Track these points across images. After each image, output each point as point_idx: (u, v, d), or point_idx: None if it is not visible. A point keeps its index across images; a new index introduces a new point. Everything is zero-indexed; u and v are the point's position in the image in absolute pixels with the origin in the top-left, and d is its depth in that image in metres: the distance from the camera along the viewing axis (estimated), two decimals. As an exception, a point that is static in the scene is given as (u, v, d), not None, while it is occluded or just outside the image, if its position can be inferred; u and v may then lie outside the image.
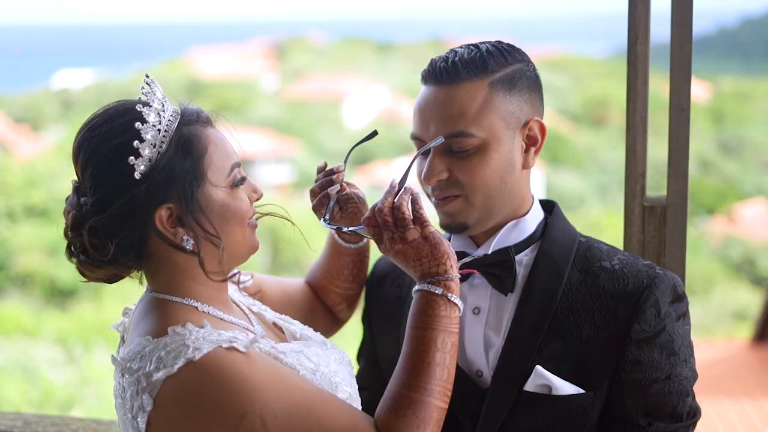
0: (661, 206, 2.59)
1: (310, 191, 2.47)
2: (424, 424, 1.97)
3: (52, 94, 35.84)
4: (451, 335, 2.04)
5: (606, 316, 2.21)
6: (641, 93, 2.56)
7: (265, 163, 31.99)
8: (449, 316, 2.05)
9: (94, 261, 2.07)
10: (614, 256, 2.30)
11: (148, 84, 2.10)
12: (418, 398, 1.98)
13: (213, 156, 2.09)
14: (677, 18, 2.52)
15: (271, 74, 41.41)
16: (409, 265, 2.09)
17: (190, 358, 1.91)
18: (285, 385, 1.95)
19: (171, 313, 2.07)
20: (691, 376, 2.24)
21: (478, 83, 2.21)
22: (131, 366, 1.97)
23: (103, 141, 2.04)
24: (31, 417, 3.07)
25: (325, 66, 41.28)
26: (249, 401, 1.90)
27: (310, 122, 34.25)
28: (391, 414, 1.98)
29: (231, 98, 36.45)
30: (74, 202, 2.09)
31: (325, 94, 36.43)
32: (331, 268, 2.56)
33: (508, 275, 2.26)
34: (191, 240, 2.06)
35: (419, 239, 2.07)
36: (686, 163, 2.56)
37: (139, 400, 1.94)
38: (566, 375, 2.20)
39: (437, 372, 2.01)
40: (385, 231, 2.09)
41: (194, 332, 1.98)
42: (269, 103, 37.22)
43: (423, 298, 2.06)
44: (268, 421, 1.90)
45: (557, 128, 33.14)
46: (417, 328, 2.05)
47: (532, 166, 2.30)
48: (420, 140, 2.28)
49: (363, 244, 2.53)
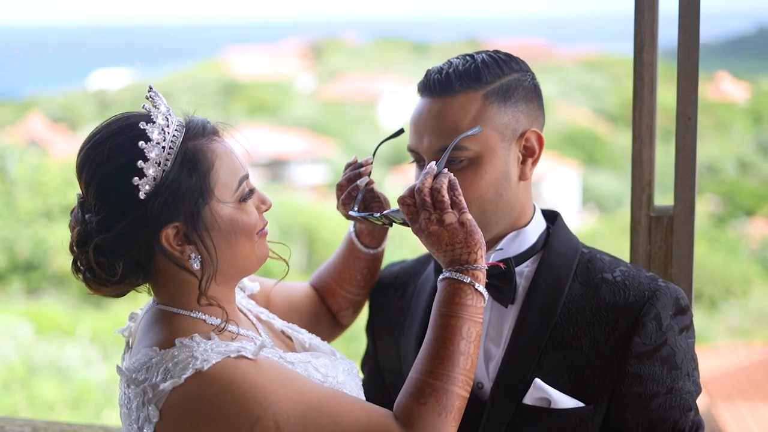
0: (667, 216, 2.55)
1: (337, 185, 2.46)
2: (446, 412, 1.95)
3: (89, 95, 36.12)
4: (477, 325, 2.03)
5: (606, 328, 2.18)
6: (648, 101, 2.52)
7: (301, 163, 32.08)
8: (475, 305, 2.03)
9: (101, 279, 2.05)
10: (616, 267, 2.27)
11: (152, 97, 2.05)
12: (440, 386, 1.96)
13: (220, 171, 2.05)
14: (684, 25, 2.48)
15: (306, 75, 41.55)
16: (441, 249, 2.07)
17: (199, 369, 1.89)
18: (295, 387, 1.93)
19: (178, 325, 2.05)
20: (695, 390, 2.21)
21: (472, 95, 2.19)
22: (137, 377, 1.96)
23: (107, 159, 2.00)
24: (40, 423, 3.07)
25: (361, 66, 41.36)
26: (261, 406, 1.88)
27: (345, 122, 34.31)
28: (412, 401, 1.96)
29: (266, 99, 36.59)
30: (79, 217, 2.06)
31: (361, 94, 36.49)
32: (344, 273, 2.54)
33: (508, 287, 2.24)
34: (199, 257, 2.03)
35: (456, 224, 2.04)
36: (693, 173, 2.51)
37: (145, 412, 1.92)
38: (566, 388, 2.17)
39: (461, 360, 1.99)
40: (423, 211, 2.06)
41: (202, 344, 1.96)
42: (305, 104, 37.33)
43: (450, 286, 2.04)
44: (283, 425, 1.88)
45: (594, 129, 33.00)
46: (442, 315, 2.03)
47: (529, 178, 2.27)
48: (415, 152, 2.26)
49: (380, 249, 2.52)
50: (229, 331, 2.09)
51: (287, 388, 1.92)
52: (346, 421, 1.92)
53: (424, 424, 1.94)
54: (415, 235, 2.11)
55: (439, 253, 2.08)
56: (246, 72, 39.56)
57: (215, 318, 2.07)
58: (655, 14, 2.51)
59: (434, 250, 2.09)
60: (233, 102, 35.65)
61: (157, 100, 2.06)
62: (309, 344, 2.32)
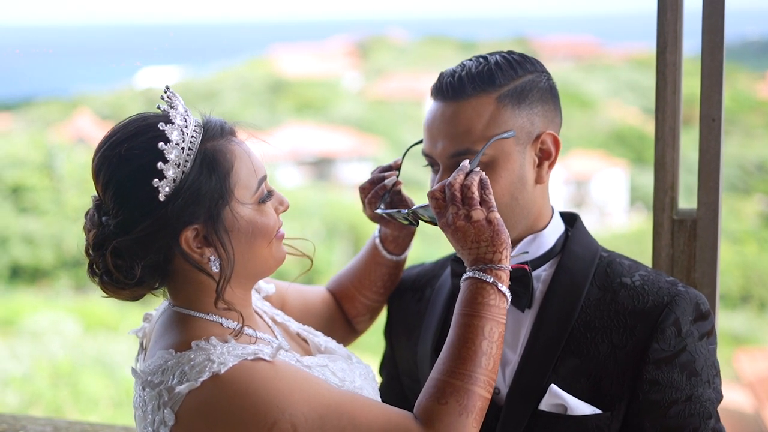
0: (691, 220, 2.50)
1: (360, 188, 2.44)
2: (467, 412, 1.92)
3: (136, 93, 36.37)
4: (499, 325, 2.00)
5: (624, 334, 2.14)
6: (671, 103, 2.48)
7: (347, 161, 32.12)
8: (498, 305, 2.01)
9: (118, 282, 2.02)
10: (636, 272, 2.22)
11: (169, 98, 2.03)
12: (461, 386, 1.93)
13: (240, 172, 2.03)
14: (708, 25, 2.43)
15: (353, 73, 41.58)
16: (466, 246, 2.05)
17: (216, 372, 1.87)
18: (313, 389, 1.91)
19: (195, 327, 2.03)
20: (715, 397, 2.16)
21: (485, 98, 2.16)
22: (152, 380, 1.94)
23: (125, 161, 1.97)
24: (61, 422, 3.09)
25: (408, 64, 41.29)
26: (278, 409, 1.86)
27: (392, 121, 34.28)
28: (433, 401, 1.93)
29: (313, 97, 36.66)
30: (95, 220, 2.03)
31: (408, 92, 36.44)
32: (365, 278, 2.52)
33: (525, 291, 2.20)
34: (218, 260, 2.01)
35: (483, 221, 2.03)
36: (717, 176, 2.46)
37: (161, 415, 1.91)
38: (582, 394, 2.14)
39: (483, 361, 1.96)
40: (452, 206, 2.05)
41: (219, 347, 1.94)
42: (351, 102, 37.34)
43: (473, 285, 2.02)
44: (299, 427, 1.86)
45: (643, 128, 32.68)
46: (465, 315, 2.00)
47: (546, 181, 2.24)
48: (429, 157, 2.24)
49: (403, 257, 2.50)
50: (247, 335, 2.07)
51: (305, 390, 1.90)
52: (365, 422, 1.90)
53: (444, 425, 1.91)
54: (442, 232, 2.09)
55: (464, 250, 2.05)
56: (293, 70, 39.63)
57: (232, 321, 2.05)
58: (678, 14, 2.46)
59: (459, 247, 2.06)
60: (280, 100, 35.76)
61: (174, 100, 2.03)
62: (325, 347, 2.29)
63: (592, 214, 29.72)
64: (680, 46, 2.48)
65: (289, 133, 30.65)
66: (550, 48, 42.61)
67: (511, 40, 41.44)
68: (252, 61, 41.73)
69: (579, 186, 31.24)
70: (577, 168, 30.50)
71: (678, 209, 2.53)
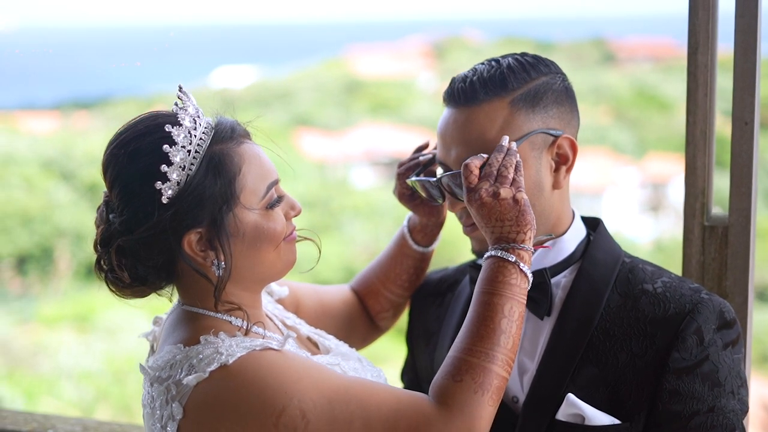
0: (722, 226, 2.42)
1: (397, 174, 2.43)
2: (482, 390, 1.88)
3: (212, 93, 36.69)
4: (520, 305, 1.96)
5: (644, 342, 2.08)
6: (702, 105, 2.40)
7: (422, 162, 32.04)
8: (519, 285, 1.97)
9: (122, 281, 2.04)
10: (659, 278, 2.16)
11: (180, 98, 2.03)
12: (477, 363, 1.90)
13: (247, 177, 2.01)
14: (741, 25, 2.35)
15: (428, 73, 41.49)
16: (490, 223, 2.01)
17: (224, 363, 1.87)
18: (322, 376, 1.89)
19: (204, 324, 2.03)
20: (740, 408, 2.08)
21: (498, 103, 2.12)
22: (161, 375, 1.94)
23: (131, 161, 1.98)
24: (90, 422, 3.11)
25: (483, 65, 41.03)
26: (287, 395, 1.85)
27: (467, 122, 34.13)
28: (447, 379, 1.90)
29: (388, 97, 36.65)
30: (104, 216, 2.05)
31: (483, 93, 36.22)
32: (391, 272, 2.50)
33: (544, 298, 2.15)
34: (222, 263, 2.00)
35: (510, 200, 1.99)
36: (750, 181, 2.38)
37: (169, 409, 1.91)
38: (601, 404, 2.08)
39: (502, 339, 1.92)
40: (485, 181, 2.01)
41: (227, 340, 1.93)
42: (426, 103, 37.21)
43: (495, 264, 1.99)
44: (309, 413, 1.85)
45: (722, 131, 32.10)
46: (485, 293, 1.97)
47: (564, 186, 2.18)
48: (444, 165, 2.19)
49: (430, 249, 2.48)
50: (256, 333, 2.06)
51: (313, 376, 1.88)
52: (374, 405, 1.87)
53: (458, 402, 1.87)
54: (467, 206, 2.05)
55: (487, 228, 2.02)
56: (368, 70, 39.64)
57: (240, 320, 2.05)
58: (710, 14, 2.39)
59: (483, 224, 2.03)
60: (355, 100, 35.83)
61: (185, 100, 2.02)
62: (335, 351, 2.27)
63: (668, 217, 29.26)
64: (714, 47, 2.41)
65: (363, 134, 30.69)
66: (628, 49, 42.12)
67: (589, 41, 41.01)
68: (327, 62, 41.86)
69: (656, 189, 30.78)
70: (654, 170, 30.05)
71: (709, 215, 2.45)
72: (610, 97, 33.94)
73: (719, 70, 2.39)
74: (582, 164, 28.06)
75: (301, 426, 1.85)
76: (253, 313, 2.10)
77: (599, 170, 30.84)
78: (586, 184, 30.82)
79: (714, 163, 2.44)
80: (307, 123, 34.02)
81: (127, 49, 36.32)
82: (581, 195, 31.34)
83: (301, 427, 1.85)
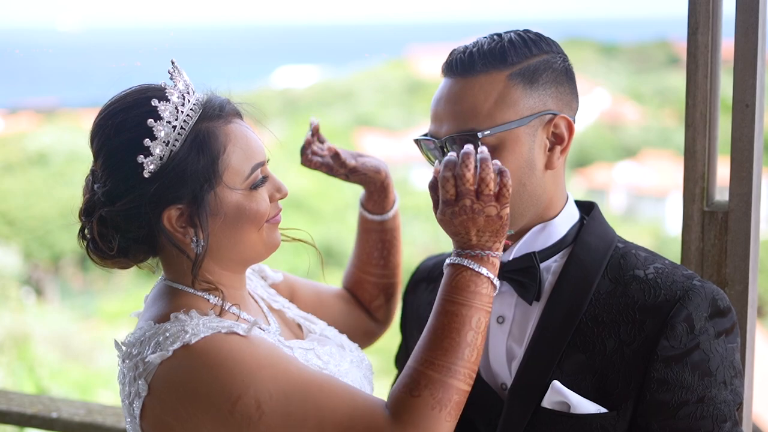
0: (722, 212, 2.35)
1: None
2: (440, 406, 1.83)
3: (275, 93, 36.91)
4: (486, 315, 1.91)
5: (633, 329, 2.02)
6: (702, 87, 2.33)
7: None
8: (489, 294, 1.92)
9: (102, 252, 2.04)
10: (651, 264, 2.09)
11: (171, 73, 2.02)
12: (438, 378, 1.84)
13: (231, 156, 2.00)
14: (742, 4, 2.26)
15: (489, 74, 41.31)
16: (469, 234, 1.93)
17: (187, 342, 1.86)
18: (283, 367, 1.87)
19: (179, 301, 2.02)
20: (732, 399, 2.01)
21: (495, 75, 2.06)
22: (131, 351, 1.94)
23: (116, 133, 1.98)
24: (95, 406, 3.12)
25: (546, 66, 40.77)
26: (244, 384, 1.82)
27: (527, 123, 33.93)
28: (405, 393, 1.85)
29: (449, 98, 36.53)
30: (90, 186, 2.06)
31: (544, 94, 36.02)
32: (362, 254, 2.49)
33: (533, 283, 2.10)
34: (202, 242, 1.99)
35: (495, 217, 1.92)
36: (751, 165, 2.30)
37: (136, 386, 1.90)
38: (587, 392, 2.02)
39: (466, 352, 1.86)
40: (465, 199, 1.91)
41: (196, 319, 1.93)
42: (487, 104, 37.05)
43: (466, 272, 1.91)
44: (264, 404, 1.82)
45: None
46: (453, 303, 1.90)
47: (558, 167, 2.12)
48: (434, 140, 2.12)
49: (387, 216, 2.48)
50: (232, 313, 2.05)
51: (274, 366, 1.86)
52: (329, 408, 1.84)
53: (413, 418, 1.82)
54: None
55: (464, 237, 1.94)
56: (430, 71, 39.60)
57: (220, 300, 2.03)
58: (711, -8, 2.31)
59: (463, 232, 1.94)
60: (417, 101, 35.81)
61: (176, 76, 2.02)
62: (320, 334, 2.24)
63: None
64: (716, 28, 2.33)
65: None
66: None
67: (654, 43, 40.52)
68: (390, 62, 41.91)
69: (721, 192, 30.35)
70: (719, 174, 29.64)
71: (709, 201, 2.38)
72: (675, 99, 33.47)
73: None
74: (646, 167, 27.67)
75: (255, 417, 1.82)
76: (232, 293, 2.08)
77: (663, 173, 30.45)
78: (650, 187, 30.48)
79: (717, 147, 2.37)
80: (368, 123, 34.11)
81: (192, 49, 36.75)
82: (645, 197, 30.99)
83: (255, 418, 1.82)
